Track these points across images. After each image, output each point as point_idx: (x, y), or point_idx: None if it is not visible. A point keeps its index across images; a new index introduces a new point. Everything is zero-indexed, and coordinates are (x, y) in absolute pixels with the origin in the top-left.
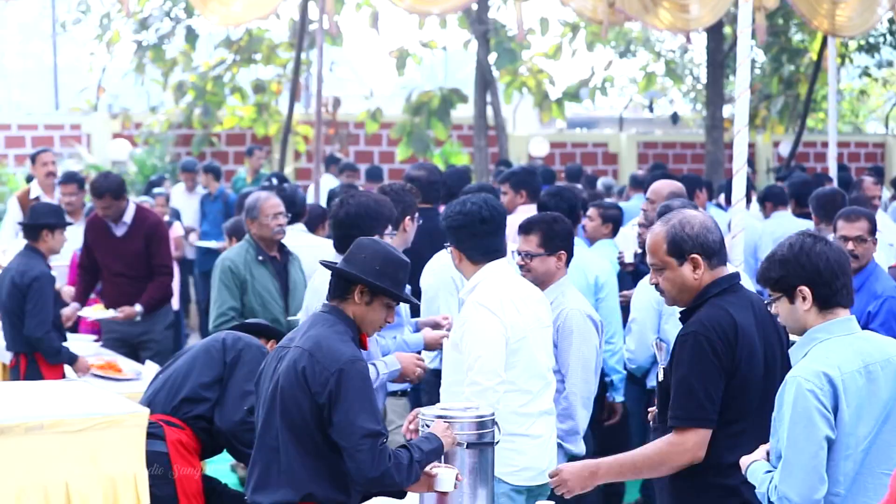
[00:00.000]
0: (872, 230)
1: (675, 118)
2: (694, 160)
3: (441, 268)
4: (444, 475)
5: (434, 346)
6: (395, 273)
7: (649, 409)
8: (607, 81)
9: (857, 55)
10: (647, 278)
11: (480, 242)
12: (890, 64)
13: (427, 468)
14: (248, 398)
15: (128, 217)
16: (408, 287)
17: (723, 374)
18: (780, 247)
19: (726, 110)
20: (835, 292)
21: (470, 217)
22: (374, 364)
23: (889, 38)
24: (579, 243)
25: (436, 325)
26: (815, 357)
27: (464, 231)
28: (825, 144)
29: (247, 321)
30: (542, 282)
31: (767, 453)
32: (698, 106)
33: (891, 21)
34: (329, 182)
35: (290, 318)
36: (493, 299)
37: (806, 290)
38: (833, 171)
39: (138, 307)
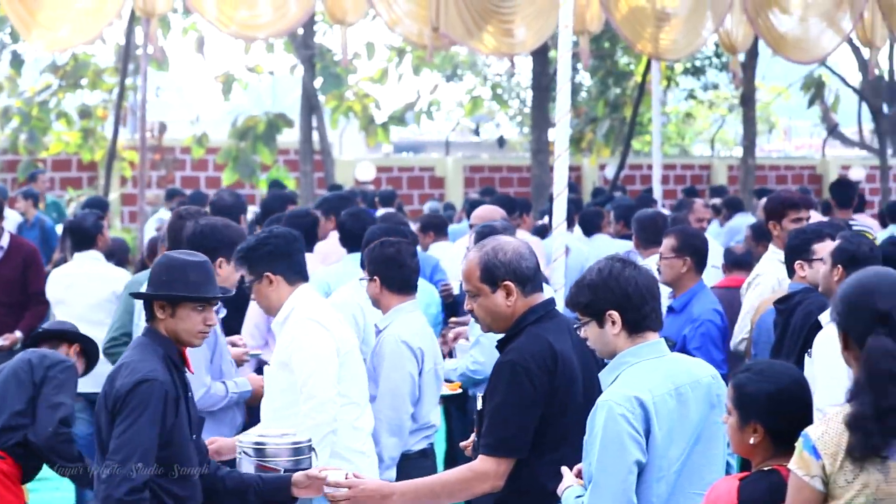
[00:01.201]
0: (679, 248)
1: (501, 142)
2: (520, 183)
3: None
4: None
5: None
6: (184, 275)
7: (461, 444)
8: (433, 105)
9: (683, 78)
10: None
11: (293, 264)
12: (716, 87)
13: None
14: (59, 409)
15: (3, 242)
16: None
17: (539, 403)
18: (588, 272)
19: (552, 134)
20: (644, 316)
21: (282, 239)
22: (224, 383)
23: (715, 60)
24: None
25: (233, 345)
26: (625, 381)
27: (278, 254)
28: (651, 167)
29: (48, 327)
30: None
31: (580, 474)
32: (525, 129)
33: (716, 44)
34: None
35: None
36: (320, 313)
37: (615, 314)
38: (658, 194)
39: (18, 334)
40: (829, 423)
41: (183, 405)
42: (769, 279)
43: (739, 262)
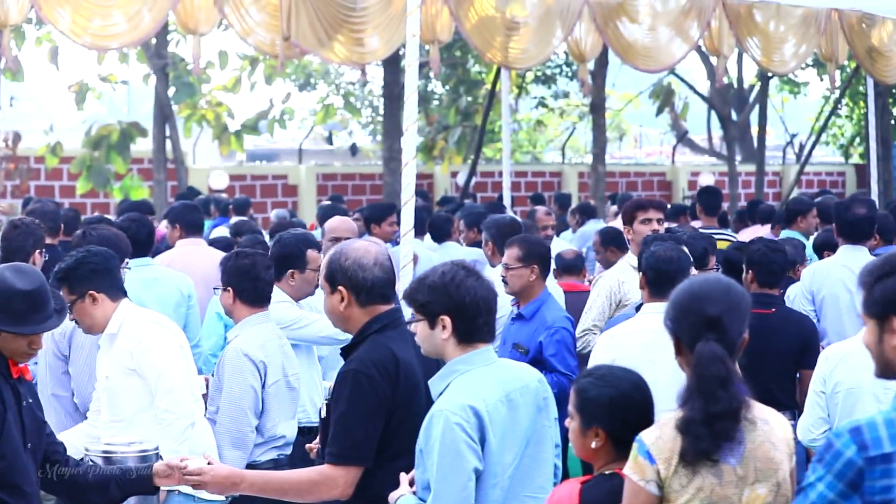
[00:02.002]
0: (525, 257)
1: (353, 150)
2: (373, 191)
3: None
4: None
5: None
6: (8, 304)
7: (308, 446)
8: (286, 114)
9: (535, 86)
10: None
11: (114, 280)
12: (566, 95)
13: None
14: None
15: None
16: None
17: (383, 411)
18: (433, 271)
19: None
20: (476, 328)
21: (101, 257)
22: None
23: (565, 69)
24: None
25: None
26: (458, 389)
27: (99, 272)
28: (510, 173)
29: None
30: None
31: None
32: (378, 137)
33: (566, 53)
34: None
35: None
36: (154, 315)
37: (447, 320)
38: (507, 201)
39: None
40: (662, 428)
41: (13, 415)
42: (606, 282)
43: (569, 268)
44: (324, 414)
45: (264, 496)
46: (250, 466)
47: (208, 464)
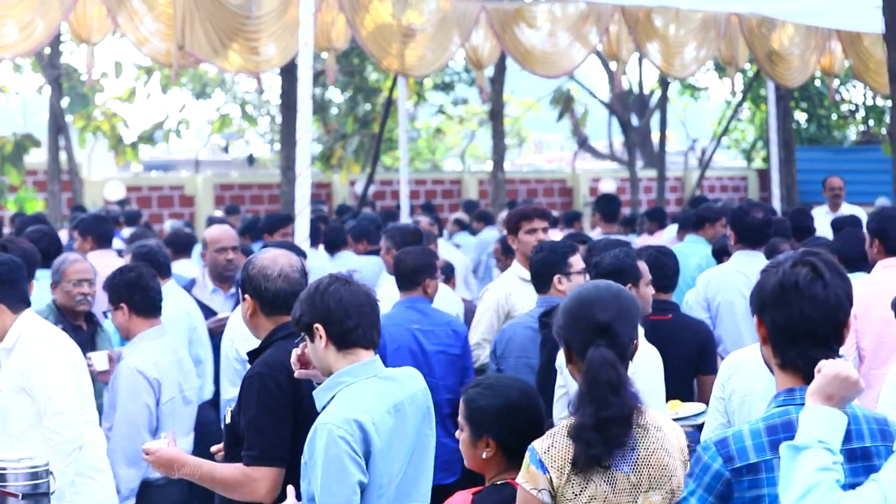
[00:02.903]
0: None
1: (250, 159)
2: (271, 201)
3: None
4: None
5: None
6: None
7: (212, 449)
8: (182, 124)
9: (433, 93)
10: None
11: (17, 291)
12: (465, 101)
13: None
14: None
15: None
16: None
17: (290, 410)
18: (308, 286)
19: None
20: (347, 331)
21: (5, 267)
22: None
23: (464, 75)
24: None
25: None
26: (343, 402)
27: (4, 280)
28: (407, 181)
29: None
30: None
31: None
32: (276, 147)
33: (465, 59)
34: None
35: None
36: (50, 334)
37: (320, 328)
38: (405, 209)
39: None
40: (554, 437)
41: None
42: (493, 295)
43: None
44: (228, 420)
45: (198, 483)
46: (145, 483)
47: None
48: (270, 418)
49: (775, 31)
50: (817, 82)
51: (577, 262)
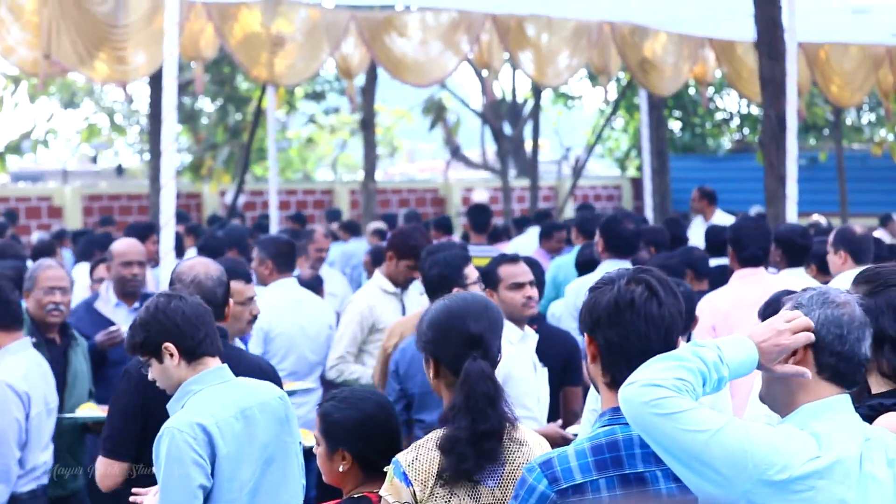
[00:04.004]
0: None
1: (119, 170)
2: (140, 211)
3: None
4: None
5: None
6: None
7: None
8: (50, 134)
9: (305, 103)
10: None
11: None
12: (337, 111)
13: None
14: None
15: None
16: None
17: (140, 411)
18: (141, 310)
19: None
20: (198, 343)
21: None
22: None
23: (336, 84)
24: None
25: None
26: (190, 408)
27: None
28: (277, 192)
29: None
30: None
31: None
32: (145, 156)
33: (338, 67)
34: None
35: (65, 416)
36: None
37: (171, 346)
38: (275, 219)
39: None
40: (419, 450)
41: None
42: (357, 307)
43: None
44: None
45: None
46: (13, 498)
47: None
48: (121, 415)
49: (648, 40)
50: (691, 90)
51: (472, 272)
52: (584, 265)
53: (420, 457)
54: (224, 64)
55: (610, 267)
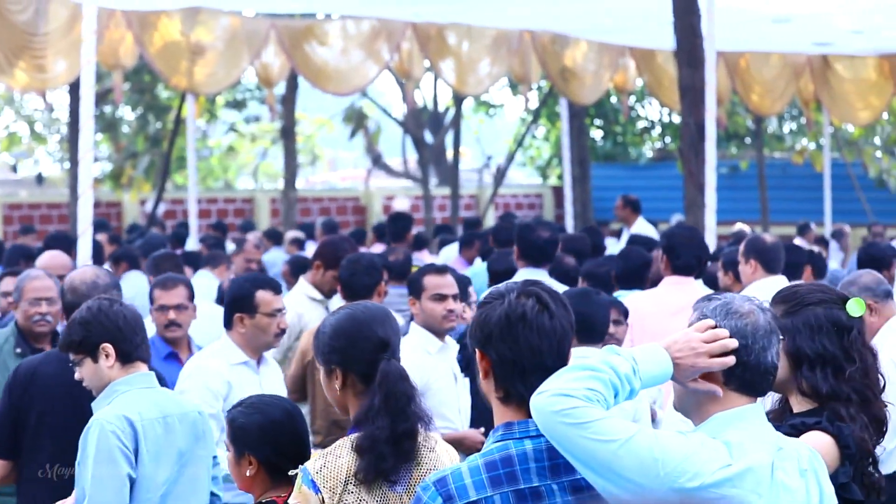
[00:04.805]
0: (191, 296)
1: (39, 178)
2: (60, 220)
3: None
4: None
5: None
6: None
7: None
8: None
9: (226, 111)
10: None
11: None
12: (258, 119)
13: None
14: None
15: None
16: None
17: (13, 411)
18: (78, 311)
19: (94, 168)
20: (135, 347)
21: None
22: None
23: (257, 93)
24: None
25: None
26: (117, 404)
27: None
28: (197, 201)
29: None
30: None
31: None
32: (66, 165)
33: (258, 76)
34: None
35: None
36: None
37: (109, 346)
38: (194, 228)
39: None
40: (327, 457)
41: None
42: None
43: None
44: None
45: None
46: None
47: None
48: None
49: (568, 48)
50: (613, 99)
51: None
52: (502, 274)
53: (328, 464)
54: (144, 72)
55: (526, 275)
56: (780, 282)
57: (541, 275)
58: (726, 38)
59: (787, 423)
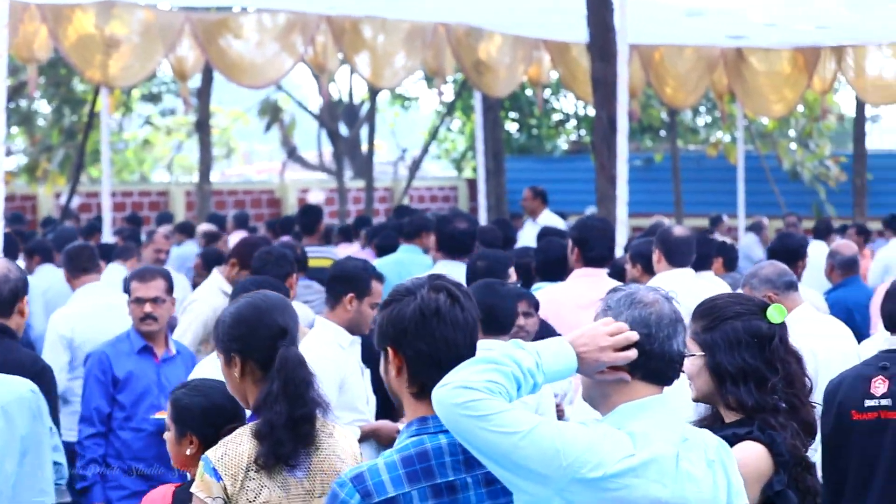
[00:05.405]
0: (170, 289)
1: None
2: None
3: None
4: None
5: None
6: None
7: None
8: None
9: (142, 104)
10: None
11: None
12: (173, 112)
13: None
14: None
15: None
16: None
17: None
18: None
19: None
20: None
21: None
22: None
23: (172, 86)
24: None
25: None
26: None
27: None
28: (111, 194)
29: None
30: None
31: None
32: None
33: (172, 69)
34: None
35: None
36: None
37: None
38: (108, 222)
39: None
40: (227, 445)
41: None
42: (202, 307)
43: None
44: None
45: None
46: None
47: None
48: None
49: (482, 42)
50: (528, 92)
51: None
52: (388, 249)
53: (229, 451)
54: (60, 66)
55: (443, 268)
56: (685, 274)
57: (458, 267)
58: (640, 32)
59: (718, 434)
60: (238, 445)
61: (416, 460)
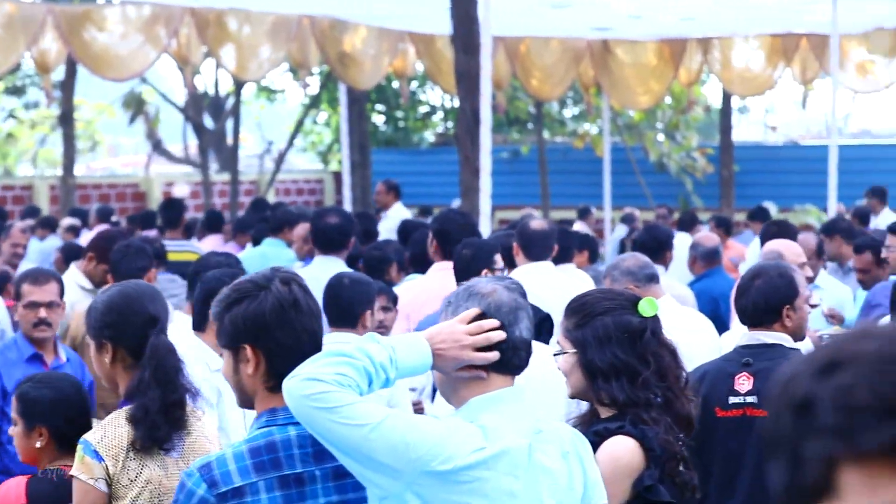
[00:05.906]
0: (62, 292)
1: None
2: None
3: None
4: None
5: None
6: None
7: None
8: None
9: (5, 97)
10: None
11: None
12: (37, 105)
13: None
14: None
15: None
16: None
17: None
18: None
19: None
20: None
21: None
22: None
23: (37, 79)
24: None
25: None
26: None
27: None
28: None
29: None
30: None
31: None
32: None
33: (35, 62)
34: None
35: None
36: None
37: None
38: None
39: None
40: (106, 428)
41: None
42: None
43: None
44: None
45: None
46: None
47: None
48: None
49: (347, 34)
50: (395, 84)
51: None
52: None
53: (108, 433)
54: None
55: (321, 263)
56: (544, 267)
57: (335, 262)
58: (505, 24)
59: (591, 430)
60: (117, 427)
61: (263, 451)
